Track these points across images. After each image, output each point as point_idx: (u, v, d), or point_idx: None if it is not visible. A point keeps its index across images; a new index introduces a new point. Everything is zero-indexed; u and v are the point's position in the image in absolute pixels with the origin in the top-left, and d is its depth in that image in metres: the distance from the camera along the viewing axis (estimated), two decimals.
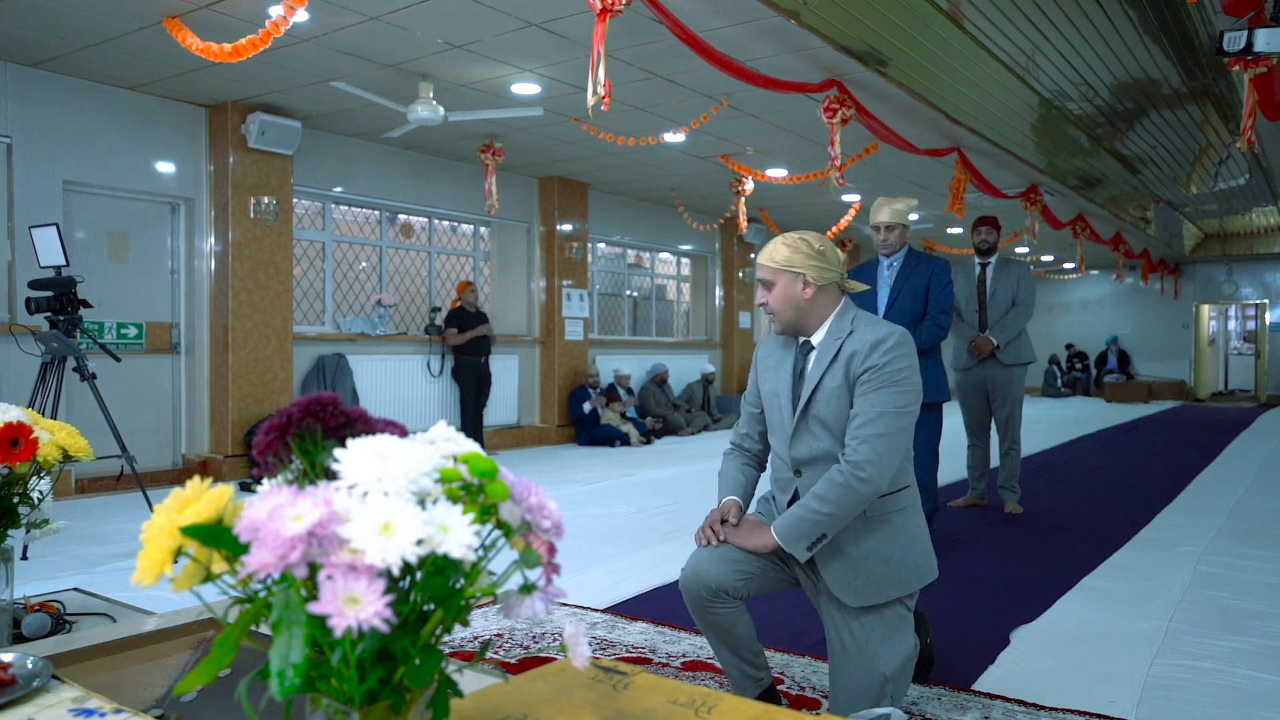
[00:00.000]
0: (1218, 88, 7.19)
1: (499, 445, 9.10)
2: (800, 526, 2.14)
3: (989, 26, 5.64)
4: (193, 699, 1.24)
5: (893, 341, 2.17)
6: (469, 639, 3.00)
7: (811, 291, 2.24)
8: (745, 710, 0.97)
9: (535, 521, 0.76)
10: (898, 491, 2.22)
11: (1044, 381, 18.52)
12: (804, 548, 2.15)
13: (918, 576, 2.21)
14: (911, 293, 4.19)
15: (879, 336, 2.18)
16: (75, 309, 4.66)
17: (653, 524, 5.21)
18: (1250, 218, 14.61)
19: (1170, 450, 9.15)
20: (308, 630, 0.64)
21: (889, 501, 2.21)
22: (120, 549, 4.50)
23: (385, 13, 5.03)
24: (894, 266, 4.26)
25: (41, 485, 1.52)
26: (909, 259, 4.26)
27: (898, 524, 2.21)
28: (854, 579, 2.18)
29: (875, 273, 4.31)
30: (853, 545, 2.18)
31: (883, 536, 2.19)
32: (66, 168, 6.19)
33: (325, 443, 0.76)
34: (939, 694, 2.62)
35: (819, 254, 2.25)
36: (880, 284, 4.27)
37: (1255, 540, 4.80)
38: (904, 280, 4.21)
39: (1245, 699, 2.62)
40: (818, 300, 2.25)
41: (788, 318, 2.27)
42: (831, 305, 2.27)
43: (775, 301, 2.27)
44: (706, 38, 5.03)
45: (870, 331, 2.21)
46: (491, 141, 8.00)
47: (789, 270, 2.24)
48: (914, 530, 2.24)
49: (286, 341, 7.27)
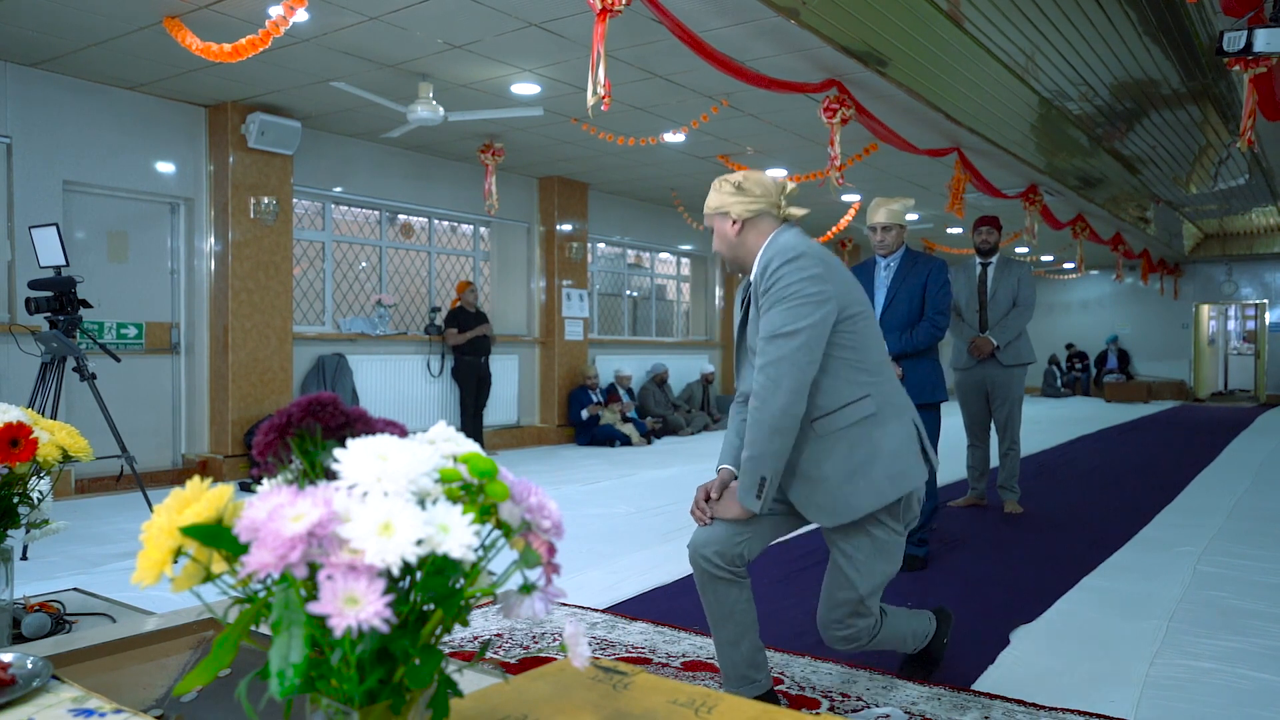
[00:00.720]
0: (1218, 88, 7.19)
1: (499, 445, 9.10)
2: (743, 479, 2.15)
3: (989, 26, 5.64)
4: (193, 699, 1.24)
5: (780, 260, 2.13)
6: (469, 639, 3.00)
7: (738, 228, 2.26)
8: (745, 710, 0.97)
9: (535, 521, 0.76)
10: (846, 406, 2.16)
11: (1044, 381, 18.52)
12: (753, 498, 2.14)
13: (893, 486, 2.15)
14: (908, 293, 4.16)
15: (769, 256, 2.17)
16: (75, 309, 4.66)
17: (653, 524, 5.21)
18: (1250, 218, 14.61)
19: (1170, 450, 9.15)
20: (308, 630, 0.64)
21: (837, 418, 2.16)
22: (120, 549, 4.50)
23: (385, 13, 5.03)
24: (891, 267, 4.24)
25: (41, 485, 1.52)
26: (906, 259, 4.23)
27: (854, 438, 2.16)
28: (822, 500, 2.18)
29: (872, 273, 4.28)
30: (812, 468, 2.18)
31: (839, 454, 2.16)
32: (66, 168, 6.19)
33: (325, 443, 0.76)
34: (939, 694, 2.62)
35: (738, 188, 2.25)
36: (877, 284, 4.24)
37: (1255, 540, 4.80)
38: (901, 280, 4.18)
39: (1245, 699, 2.62)
40: (747, 235, 2.27)
41: (728, 257, 2.33)
42: (762, 238, 2.26)
43: (715, 245, 2.33)
44: (706, 38, 5.03)
45: (766, 253, 2.20)
46: (491, 141, 8.00)
47: (717, 213, 2.29)
48: (879, 441, 2.17)
49: (286, 341, 7.27)
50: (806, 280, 2.11)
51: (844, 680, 2.73)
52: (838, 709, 2.50)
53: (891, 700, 2.57)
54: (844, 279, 2.20)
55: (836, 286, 2.15)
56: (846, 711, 2.49)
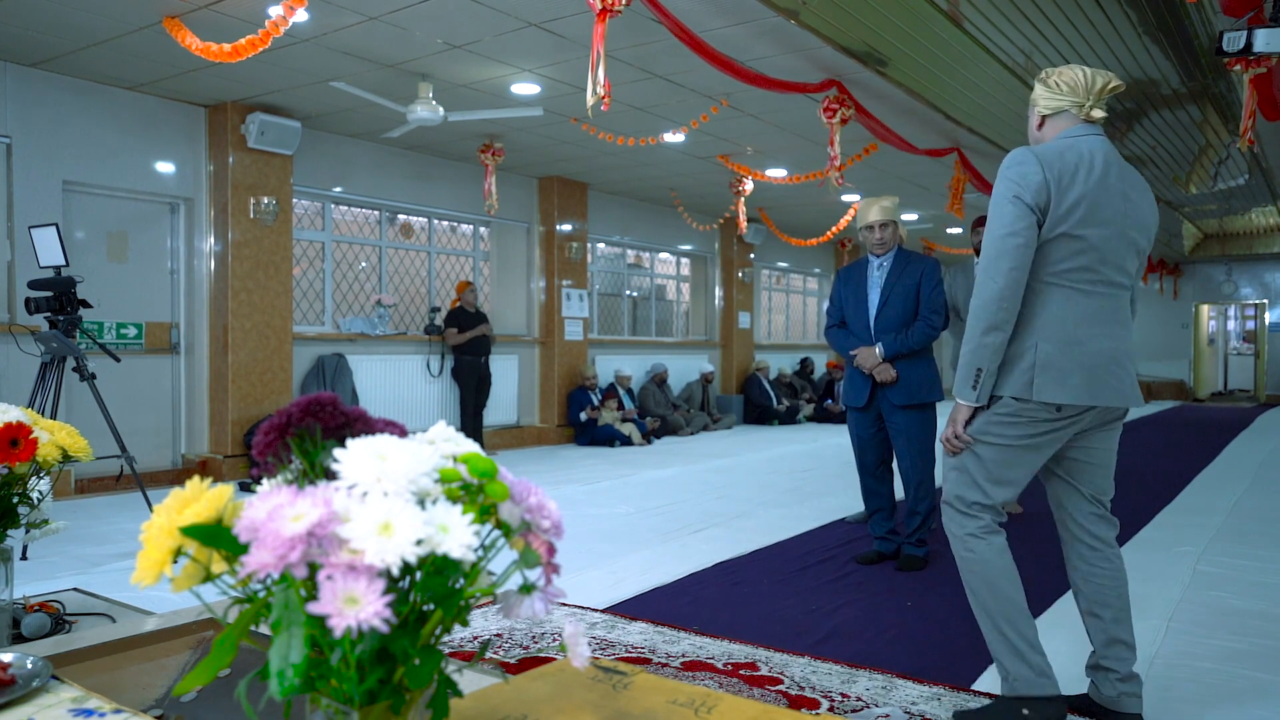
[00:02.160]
0: (1217, 88, 7.19)
1: (499, 445, 9.10)
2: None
3: (988, 27, 5.64)
4: (192, 699, 1.24)
5: (1007, 162, 2.35)
6: (469, 639, 3.00)
7: (1039, 123, 2.37)
8: (745, 710, 0.97)
9: (535, 521, 0.76)
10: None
11: None
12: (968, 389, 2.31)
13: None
14: (903, 293, 4.15)
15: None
16: (75, 309, 4.66)
17: (652, 524, 5.21)
18: (1249, 218, 14.61)
19: (1170, 450, 9.15)
20: (307, 630, 0.64)
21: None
22: (120, 549, 4.50)
23: (385, 13, 5.03)
24: (884, 266, 4.21)
25: (41, 485, 1.52)
26: (899, 259, 4.21)
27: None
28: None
29: (865, 273, 4.26)
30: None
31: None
32: (66, 168, 6.19)
33: (325, 443, 0.76)
34: (939, 694, 2.62)
35: (1044, 83, 2.34)
36: (870, 284, 4.22)
37: (1255, 540, 4.81)
38: (895, 280, 4.17)
39: (1245, 699, 2.62)
40: (1045, 132, 2.37)
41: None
42: (1055, 134, 2.37)
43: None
44: (706, 38, 5.03)
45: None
46: (491, 141, 8.00)
47: (1031, 107, 2.41)
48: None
49: (286, 341, 7.27)
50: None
51: (844, 680, 2.73)
52: (837, 709, 2.50)
53: (891, 700, 2.57)
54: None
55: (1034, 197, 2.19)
56: (846, 711, 2.49)
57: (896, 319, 4.13)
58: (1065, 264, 2.21)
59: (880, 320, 4.15)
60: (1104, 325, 2.24)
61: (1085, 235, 2.19)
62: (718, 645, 3.07)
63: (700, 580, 3.96)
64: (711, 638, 3.15)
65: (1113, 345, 2.24)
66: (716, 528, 5.07)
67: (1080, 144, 2.22)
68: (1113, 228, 2.21)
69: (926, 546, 4.20)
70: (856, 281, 4.27)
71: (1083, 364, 2.21)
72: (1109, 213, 2.20)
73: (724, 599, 3.67)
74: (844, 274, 4.38)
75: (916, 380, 4.10)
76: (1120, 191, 2.22)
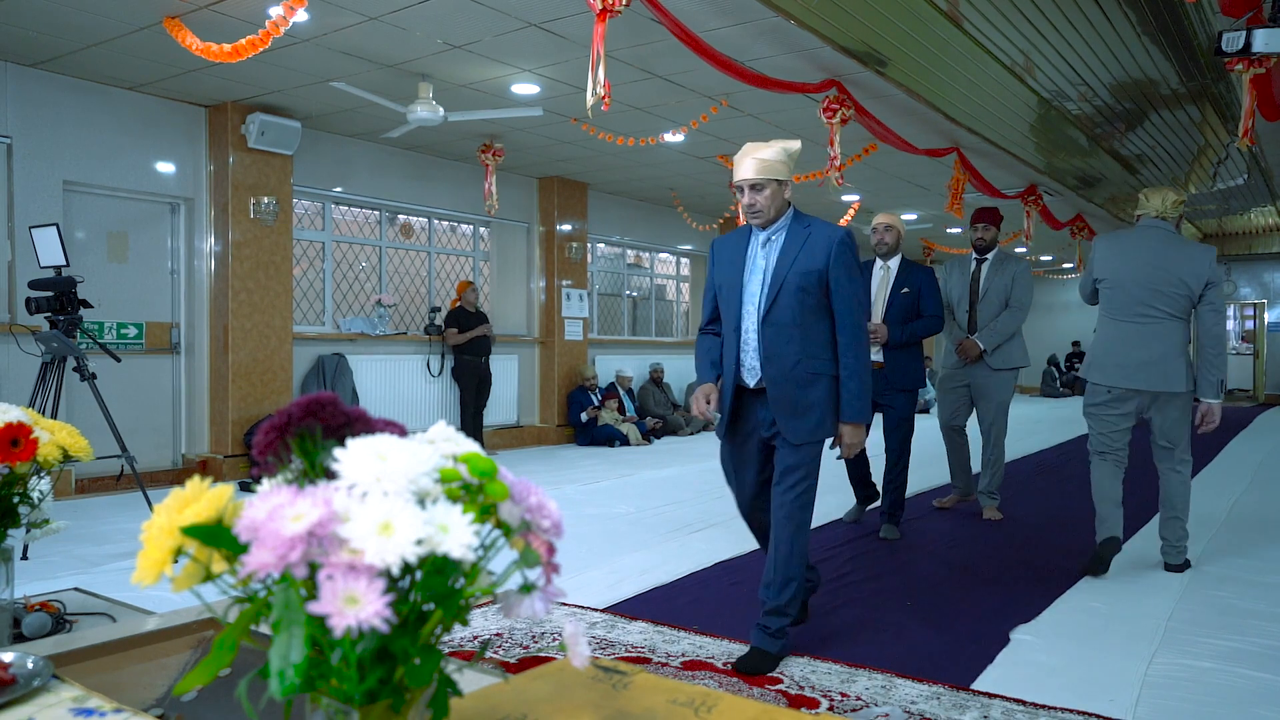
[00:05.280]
0: (1216, 88, 7.19)
1: (499, 445, 9.10)
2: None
3: (988, 27, 5.64)
4: (193, 699, 1.24)
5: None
6: (469, 639, 3.01)
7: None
8: (745, 710, 0.97)
9: (535, 521, 0.76)
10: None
11: (1042, 381, 18.52)
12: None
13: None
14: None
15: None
16: (75, 309, 4.66)
17: (652, 524, 5.21)
18: (1249, 218, 14.61)
19: None
20: (308, 630, 0.64)
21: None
22: (120, 549, 4.50)
23: (385, 13, 5.03)
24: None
25: (41, 485, 1.52)
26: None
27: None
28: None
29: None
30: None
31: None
32: (66, 168, 6.19)
33: (325, 443, 0.76)
34: (938, 693, 2.62)
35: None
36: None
37: (1255, 540, 4.81)
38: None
39: (1245, 699, 2.62)
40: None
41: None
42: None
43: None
44: (706, 38, 5.03)
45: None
46: (491, 141, 8.00)
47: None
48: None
49: (286, 341, 7.27)
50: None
51: (844, 680, 2.73)
52: (837, 709, 2.50)
53: (891, 700, 2.57)
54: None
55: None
56: (846, 711, 2.49)
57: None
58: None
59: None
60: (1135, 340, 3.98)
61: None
62: (718, 645, 3.07)
63: (700, 580, 3.96)
64: (711, 637, 3.15)
65: (1143, 354, 3.92)
66: (716, 527, 5.07)
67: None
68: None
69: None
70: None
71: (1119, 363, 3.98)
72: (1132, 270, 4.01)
73: (724, 599, 3.67)
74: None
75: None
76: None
